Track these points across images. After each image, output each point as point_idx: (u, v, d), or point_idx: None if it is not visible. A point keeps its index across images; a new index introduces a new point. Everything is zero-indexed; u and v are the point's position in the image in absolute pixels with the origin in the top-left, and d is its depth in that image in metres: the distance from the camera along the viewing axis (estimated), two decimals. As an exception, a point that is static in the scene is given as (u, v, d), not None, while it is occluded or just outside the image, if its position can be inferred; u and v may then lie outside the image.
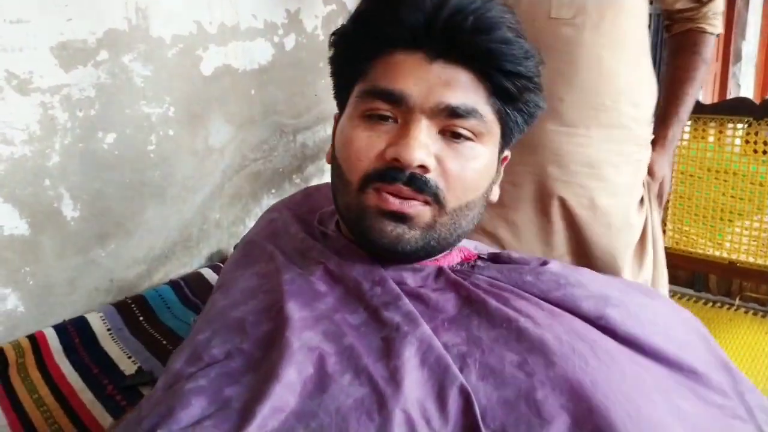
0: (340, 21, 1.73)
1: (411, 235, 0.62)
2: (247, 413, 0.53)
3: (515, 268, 0.67)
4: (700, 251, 1.67)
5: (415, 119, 0.62)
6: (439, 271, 0.66)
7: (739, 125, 1.60)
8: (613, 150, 1.15)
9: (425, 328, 0.58)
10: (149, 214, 1.38)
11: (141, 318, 1.26)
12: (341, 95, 0.71)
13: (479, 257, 0.71)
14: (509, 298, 0.62)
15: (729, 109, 1.60)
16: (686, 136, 1.69)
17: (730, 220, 1.64)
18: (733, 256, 1.62)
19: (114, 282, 1.34)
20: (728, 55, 5.22)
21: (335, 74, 0.73)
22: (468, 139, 0.64)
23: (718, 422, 0.58)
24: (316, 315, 0.61)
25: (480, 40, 0.61)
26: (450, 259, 0.70)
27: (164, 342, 1.20)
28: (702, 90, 4.55)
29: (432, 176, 0.62)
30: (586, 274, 0.69)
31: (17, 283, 1.19)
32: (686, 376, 0.62)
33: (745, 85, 5.33)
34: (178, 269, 1.46)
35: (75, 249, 1.27)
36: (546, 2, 1.08)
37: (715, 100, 5.08)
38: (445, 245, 0.66)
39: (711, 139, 1.70)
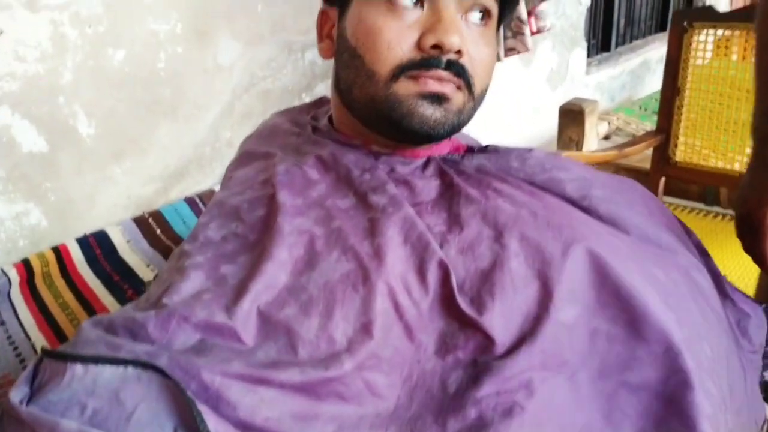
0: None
1: (448, 120, 0.64)
2: (241, 289, 0.57)
3: (502, 155, 0.70)
4: (712, 165, 1.66)
5: (444, 2, 0.62)
6: (428, 162, 0.69)
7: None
8: None
9: (409, 209, 0.61)
10: (162, 133, 1.41)
11: (158, 231, 1.32)
12: None
13: (468, 148, 0.74)
14: (491, 181, 0.65)
15: (745, 16, 1.55)
16: (709, 47, 1.64)
17: (741, 135, 1.62)
18: (745, 170, 1.61)
19: (132, 198, 1.39)
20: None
21: None
22: (486, 17, 0.66)
23: (686, 286, 0.62)
24: (309, 202, 0.64)
25: None
26: (440, 148, 0.72)
27: (180, 252, 1.26)
28: (730, 4, 4.33)
29: (465, 61, 0.63)
30: (571, 161, 0.71)
31: (39, 198, 1.25)
32: (664, 250, 0.65)
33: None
34: (193, 187, 1.50)
35: (92, 165, 1.31)
36: None
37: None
38: (459, 131, 0.68)
39: (734, 57, 1.65)
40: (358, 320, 0.55)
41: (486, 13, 0.66)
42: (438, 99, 0.63)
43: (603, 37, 3.37)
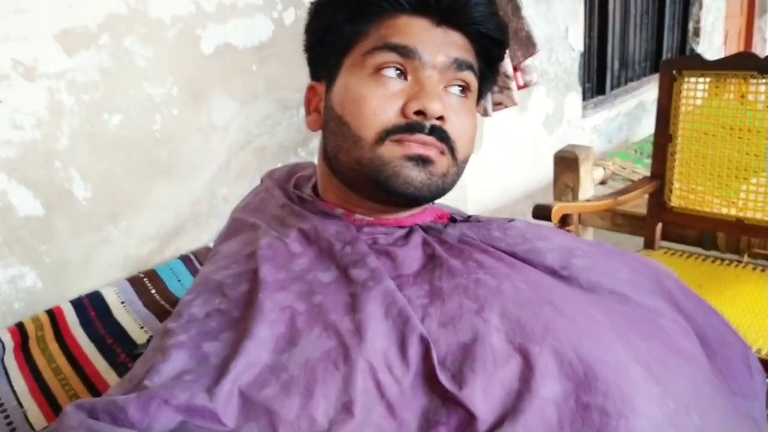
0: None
1: (433, 182, 0.66)
2: (223, 369, 0.57)
3: (484, 225, 0.71)
4: (708, 210, 1.66)
5: (427, 74, 0.67)
6: (410, 231, 0.70)
7: (757, 80, 1.56)
8: None
9: (389, 282, 0.62)
10: (158, 192, 1.43)
11: (153, 291, 1.32)
12: (327, 63, 0.73)
13: (451, 218, 0.74)
14: (472, 252, 0.66)
15: (732, 64, 1.58)
16: (699, 94, 1.66)
17: (736, 177, 1.62)
18: (741, 214, 1.61)
19: (127, 258, 1.40)
20: (753, 9, 5.09)
21: (319, 42, 0.75)
22: (466, 90, 0.70)
23: (671, 352, 0.61)
24: (291, 276, 0.64)
25: (477, 11, 0.69)
26: (423, 217, 0.73)
27: (175, 313, 1.26)
28: (725, 44, 4.43)
29: (447, 127, 0.66)
30: (551, 230, 0.72)
31: (34, 261, 1.26)
32: (648, 312, 0.65)
33: (771, 40, 5.20)
34: (189, 244, 1.51)
35: (88, 227, 1.32)
36: None
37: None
38: (443, 195, 0.71)
39: (726, 96, 1.66)
40: (339, 399, 0.55)
41: (466, 87, 0.70)
42: (423, 161, 0.65)
43: (598, 80, 3.43)
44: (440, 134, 0.66)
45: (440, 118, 0.66)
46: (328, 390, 0.55)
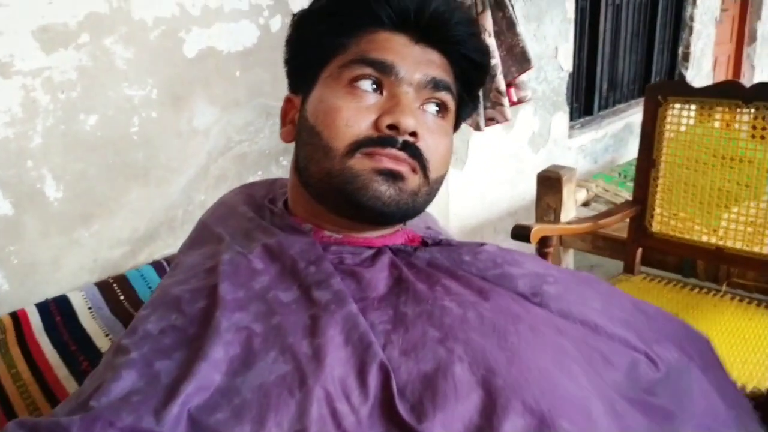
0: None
1: (402, 199, 0.65)
2: (173, 390, 0.55)
3: (455, 249, 0.69)
4: (688, 237, 1.66)
5: (403, 90, 0.66)
6: (378, 252, 0.68)
7: (742, 110, 1.56)
8: None
9: (352, 306, 0.60)
10: (133, 196, 1.40)
11: (122, 297, 1.29)
12: (305, 75, 0.72)
13: (423, 241, 0.73)
14: (440, 277, 0.64)
15: (718, 92, 1.58)
16: (684, 120, 1.66)
17: (718, 205, 1.62)
18: (721, 242, 1.61)
19: (98, 261, 1.37)
20: (742, 36, 5.15)
21: (298, 54, 0.74)
22: (443, 110, 0.69)
23: (636, 388, 0.60)
24: (250, 295, 0.62)
25: (458, 31, 0.69)
26: (394, 239, 0.71)
27: (143, 320, 1.23)
28: (713, 71, 4.45)
29: (421, 145, 0.65)
30: (523, 255, 0.70)
31: (1, 261, 1.22)
32: (619, 343, 0.64)
33: (759, 67, 5.26)
34: (163, 250, 1.48)
35: (58, 229, 1.29)
36: None
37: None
38: (413, 215, 0.69)
39: (711, 123, 1.66)
40: (292, 428, 0.53)
41: (443, 107, 0.68)
42: (393, 176, 0.64)
43: (586, 100, 3.44)
44: (413, 151, 0.65)
45: (413, 134, 0.65)
46: (281, 417, 0.53)
